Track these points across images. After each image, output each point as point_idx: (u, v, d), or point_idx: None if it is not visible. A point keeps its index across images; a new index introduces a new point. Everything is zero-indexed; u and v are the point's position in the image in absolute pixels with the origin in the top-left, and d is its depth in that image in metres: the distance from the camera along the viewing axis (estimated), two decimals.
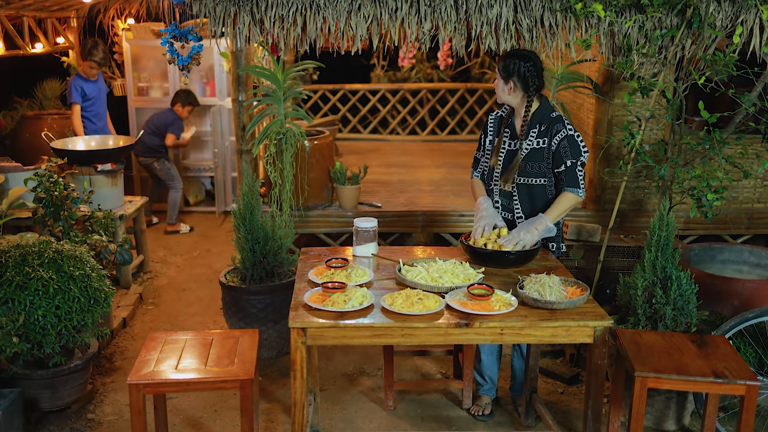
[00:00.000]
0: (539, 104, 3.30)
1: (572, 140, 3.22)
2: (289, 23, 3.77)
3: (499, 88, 3.33)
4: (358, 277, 2.94)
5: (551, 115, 3.28)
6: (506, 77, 3.26)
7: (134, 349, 4.32)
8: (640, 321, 3.44)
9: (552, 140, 3.25)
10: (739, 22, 3.68)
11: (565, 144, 3.22)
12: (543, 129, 3.27)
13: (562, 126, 3.24)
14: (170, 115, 6.64)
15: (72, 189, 4.33)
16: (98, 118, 6.20)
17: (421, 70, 9.81)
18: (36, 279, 3.37)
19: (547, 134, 3.26)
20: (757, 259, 4.30)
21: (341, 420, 3.61)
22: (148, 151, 6.57)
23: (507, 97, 3.32)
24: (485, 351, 3.60)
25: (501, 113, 3.48)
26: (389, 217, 5.13)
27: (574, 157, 3.22)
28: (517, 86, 3.26)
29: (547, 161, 3.28)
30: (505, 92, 3.31)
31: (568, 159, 3.22)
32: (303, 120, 4.52)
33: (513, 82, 3.26)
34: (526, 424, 3.55)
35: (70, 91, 6.03)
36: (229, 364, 2.85)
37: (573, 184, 3.22)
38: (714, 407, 3.11)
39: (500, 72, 3.29)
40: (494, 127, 3.47)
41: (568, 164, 3.22)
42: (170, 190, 6.67)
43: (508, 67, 3.25)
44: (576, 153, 3.22)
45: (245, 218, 4.06)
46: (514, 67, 3.23)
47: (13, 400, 3.20)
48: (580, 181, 3.23)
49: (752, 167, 4.74)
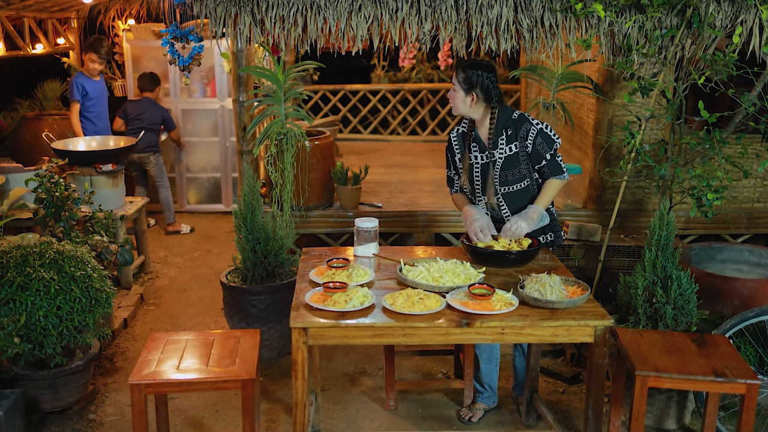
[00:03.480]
0: (498, 110, 3.23)
1: (544, 134, 3.22)
2: (290, 24, 3.78)
3: (458, 100, 3.20)
4: (359, 277, 2.94)
5: (513, 117, 3.23)
6: (468, 89, 3.16)
7: (135, 350, 4.33)
8: (641, 320, 3.45)
9: (525, 141, 3.21)
10: (739, 22, 3.69)
11: (540, 140, 3.21)
12: (510, 134, 3.22)
13: (530, 124, 3.21)
14: (157, 108, 6.55)
15: (73, 190, 4.34)
16: (99, 119, 6.13)
17: (422, 70, 9.82)
18: (37, 279, 3.37)
19: (516, 138, 3.21)
20: (757, 259, 4.30)
21: (342, 420, 3.61)
22: (144, 146, 6.43)
23: (467, 109, 3.22)
24: (483, 359, 3.53)
25: (462, 128, 3.38)
26: (390, 218, 5.14)
27: (551, 149, 3.24)
28: (479, 98, 3.17)
29: (525, 163, 3.25)
30: (465, 104, 3.20)
31: (546, 153, 3.23)
32: (304, 120, 4.52)
33: (475, 94, 3.17)
34: (527, 423, 3.55)
35: (71, 88, 5.97)
36: (231, 364, 2.85)
37: (557, 172, 3.26)
38: (714, 406, 3.11)
39: (461, 84, 3.16)
40: (459, 143, 3.38)
41: (548, 158, 3.24)
42: (160, 189, 6.57)
43: (470, 79, 3.15)
44: (551, 144, 3.24)
45: (246, 218, 4.06)
46: (477, 78, 3.14)
47: (15, 401, 3.20)
48: (562, 166, 3.27)
49: (752, 167, 4.75)
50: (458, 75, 3.18)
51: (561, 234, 3.45)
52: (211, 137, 7.27)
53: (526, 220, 3.18)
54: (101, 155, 5.22)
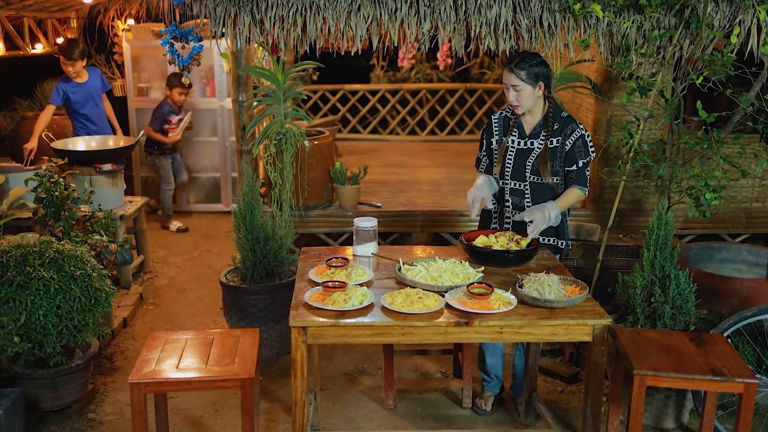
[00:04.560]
0: (551, 103, 3.34)
1: (584, 141, 3.31)
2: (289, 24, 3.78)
3: (527, 97, 3.26)
4: (359, 276, 2.95)
5: (562, 115, 3.35)
6: (534, 81, 3.24)
7: (135, 349, 4.33)
8: (639, 320, 3.46)
9: (566, 140, 3.30)
10: (737, 22, 3.69)
11: (579, 144, 3.30)
12: (557, 128, 3.32)
13: (576, 126, 3.32)
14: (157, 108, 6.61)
15: (72, 189, 4.34)
16: (91, 121, 5.95)
17: (421, 70, 9.82)
18: (37, 279, 3.38)
19: (560, 133, 3.31)
20: (755, 258, 4.31)
21: (341, 419, 3.62)
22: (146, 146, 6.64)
23: (534, 101, 3.29)
24: (489, 353, 3.61)
25: (506, 113, 3.48)
26: (389, 217, 5.14)
27: (586, 157, 3.31)
28: (545, 85, 3.28)
29: (560, 161, 3.33)
30: (534, 96, 3.27)
31: (581, 159, 3.30)
32: (303, 120, 4.53)
33: (542, 84, 3.26)
34: (525, 422, 3.56)
35: (52, 92, 5.85)
36: (230, 364, 2.86)
37: (582, 183, 3.33)
38: (713, 405, 3.12)
39: (526, 80, 3.22)
40: (500, 127, 3.47)
41: (580, 164, 3.31)
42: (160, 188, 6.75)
43: (534, 72, 3.22)
44: (587, 153, 3.31)
45: (245, 218, 4.07)
46: (539, 69, 3.24)
47: (14, 400, 3.21)
48: (587, 180, 3.34)
49: (750, 167, 4.76)
50: (519, 74, 3.21)
51: (569, 244, 3.50)
52: (210, 137, 7.28)
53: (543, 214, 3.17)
54: (101, 155, 5.22)
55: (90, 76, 5.96)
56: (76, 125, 5.98)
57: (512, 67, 3.22)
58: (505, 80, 3.29)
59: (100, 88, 6.09)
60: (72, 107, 5.90)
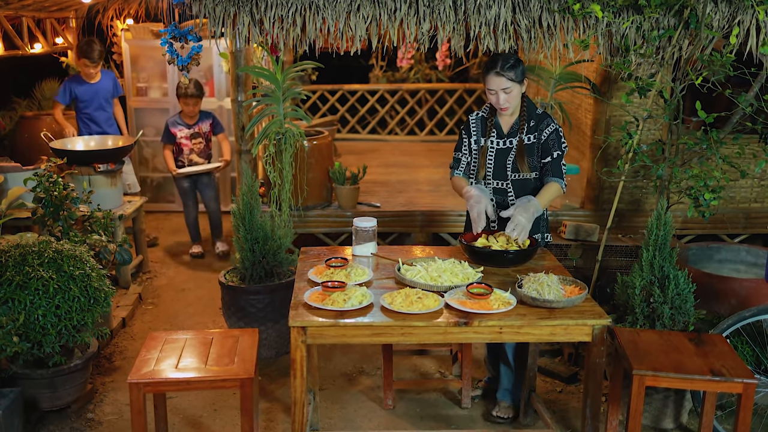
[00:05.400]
0: (525, 100, 3.39)
1: (558, 134, 3.37)
2: (289, 24, 3.78)
3: (515, 96, 3.29)
4: (358, 276, 2.95)
5: (537, 112, 3.41)
6: (522, 80, 3.28)
7: (133, 349, 4.33)
8: (638, 320, 3.46)
9: (541, 134, 3.36)
10: (736, 22, 3.70)
11: (553, 137, 3.35)
12: (533, 125, 3.38)
13: (551, 120, 3.38)
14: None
15: (71, 189, 4.34)
16: (94, 122, 5.94)
17: (420, 70, 9.82)
18: (36, 278, 3.37)
19: (536, 129, 3.37)
20: (754, 259, 4.32)
21: (341, 419, 3.62)
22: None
23: (518, 100, 3.33)
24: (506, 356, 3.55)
25: (482, 114, 3.49)
26: (388, 217, 5.14)
27: (559, 149, 3.36)
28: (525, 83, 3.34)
29: (537, 155, 3.38)
30: (518, 96, 3.31)
31: (554, 150, 3.36)
32: (302, 120, 4.53)
33: (526, 81, 3.32)
34: (524, 422, 3.56)
35: (59, 90, 5.88)
36: (229, 363, 2.86)
37: (558, 175, 3.36)
38: (711, 405, 3.12)
39: (515, 80, 3.25)
40: (477, 127, 3.47)
41: (554, 155, 3.36)
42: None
43: (521, 70, 3.26)
44: (560, 145, 3.37)
45: (244, 218, 4.07)
46: (522, 66, 3.28)
47: (13, 400, 3.21)
48: (563, 173, 3.38)
49: (749, 167, 4.76)
50: (508, 75, 3.23)
51: (548, 236, 3.55)
52: None
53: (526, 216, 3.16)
54: (100, 155, 5.22)
55: (102, 78, 5.95)
56: (79, 125, 6.00)
57: (499, 71, 3.23)
58: (492, 86, 3.26)
59: (111, 91, 6.04)
60: (77, 105, 5.94)
